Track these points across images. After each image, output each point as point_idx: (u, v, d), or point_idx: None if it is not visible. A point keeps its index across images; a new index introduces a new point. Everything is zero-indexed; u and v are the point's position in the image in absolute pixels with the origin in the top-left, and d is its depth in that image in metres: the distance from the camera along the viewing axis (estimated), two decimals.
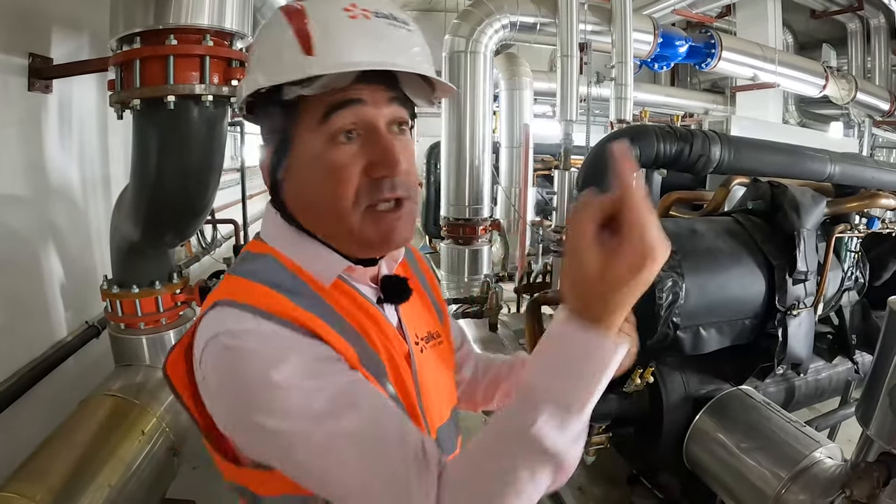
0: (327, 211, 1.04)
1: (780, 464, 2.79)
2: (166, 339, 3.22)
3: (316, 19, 0.99)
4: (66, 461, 2.49)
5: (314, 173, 1.03)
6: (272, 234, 1.12)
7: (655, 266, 0.80)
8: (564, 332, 0.85)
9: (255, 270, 1.05)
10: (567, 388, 0.84)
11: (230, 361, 0.92)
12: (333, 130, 1.00)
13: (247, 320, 0.94)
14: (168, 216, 2.83)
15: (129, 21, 2.36)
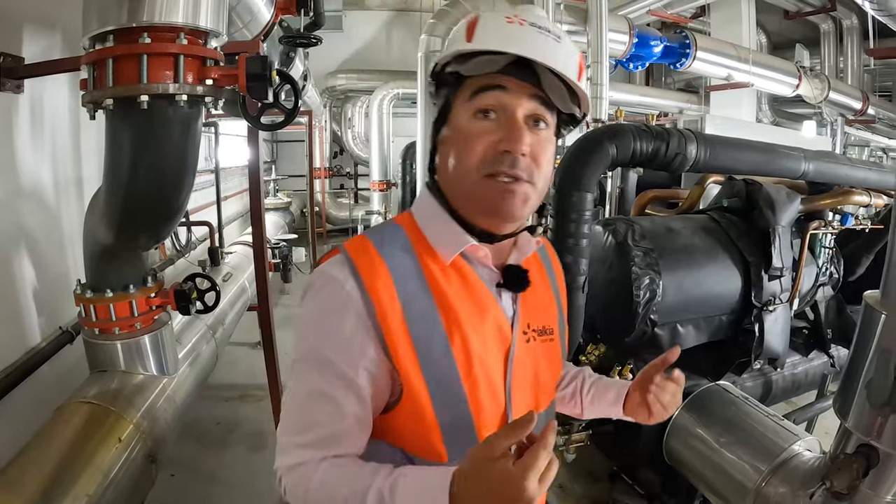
0: (455, 172, 1.26)
1: (759, 457, 2.84)
2: (141, 343, 3.15)
3: (483, 21, 1.23)
4: (43, 471, 2.43)
5: (455, 140, 1.26)
6: (417, 204, 1.38)
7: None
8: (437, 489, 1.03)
9: (381, 235, 1.31)
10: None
11: (312, 289, 1.27)
12: (476, 107, 1.22)
13: (340, 269, 1.24)
14: (142, 218, 2.76)
15: (102, 19, 2.29)
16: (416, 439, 1.26)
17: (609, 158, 2.77)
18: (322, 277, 1.25)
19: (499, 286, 1.34)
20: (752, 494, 2.77)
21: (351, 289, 1.20)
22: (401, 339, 1.21)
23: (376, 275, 1.21)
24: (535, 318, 1.42)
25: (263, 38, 3.81)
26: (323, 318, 1.23)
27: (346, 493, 1.13)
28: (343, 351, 1.21)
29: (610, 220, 3.45)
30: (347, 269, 1.22)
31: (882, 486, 2.17)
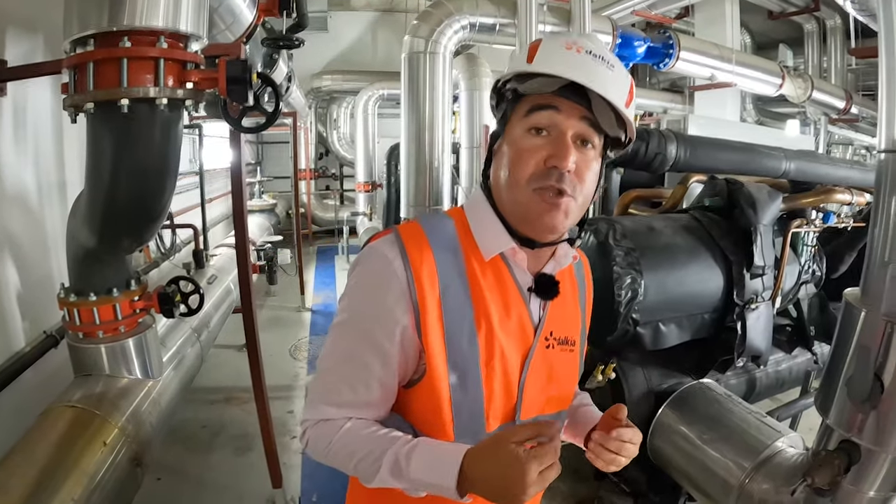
0: (508, 182, 1.36)
1: (742, 454, 2.86)
2: (126, 347, 3.14)
3: (543, 45, 1.32)
4: (28, 475, 2.43)
5: (510, 153, 1.36)
6: (470, 202, 1.49)
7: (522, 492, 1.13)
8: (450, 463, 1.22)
9: (432, 224, 1.42)
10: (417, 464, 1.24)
11: (362, 262, 1.40)
12: (530, 124, 1.33)
13: (390, 248, 1.35)
14: (125, 221, 2.76)
15: (82, 23, 2.29)
16: (428, 418, 1.39)
17: None
18: (373, 253, 1.37)
19: (530, 290, 1.44)
20: (735, 491, 2.79)
21: (398, 267, 1.32)
22: (434, 322, 1.33)
23: (423, 259, 1.33)
24: (559, 327, 1.51)
25: (246, 40, 3.81)
26: (368, 289, 1.37)
27: (363, 452, 1.30)
28: (382, 322, 1.33)
29: (591, 220, 3.45)
30: (397, 248, 1.33)
31: (864, 482, 2.18)
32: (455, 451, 1.24)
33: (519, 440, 1.15)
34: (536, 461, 1.11)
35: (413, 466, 1.23)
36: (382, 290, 1.33)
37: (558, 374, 1.53)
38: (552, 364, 1.50)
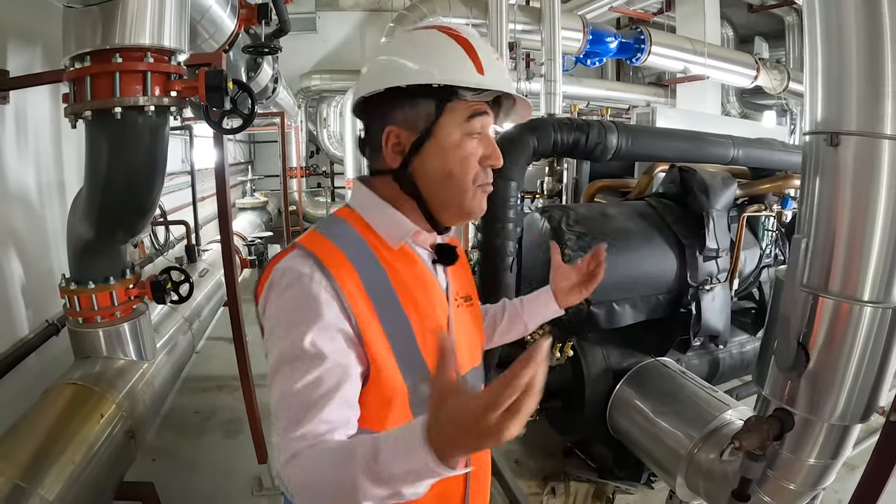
0: (455, 183, 1.42)
1: (692, 425, 2.96)
2: (121, 331, 3.35)
3: (478, 51, 1.40)
4: (32, 442, 2.62)
5: (452, 156, 1.40)
6: (360, 202, 1.49)
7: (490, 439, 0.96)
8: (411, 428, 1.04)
9: (333, 230, 1.42)
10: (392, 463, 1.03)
11: (278, 286, 1.31)
12: (470, 130, 1.41)
13: (305, 265, 1.31)
14: (118, 214, 3.02)
15: (79, 42, 2.59)
16: (385, 414, 1.34)
17: (531, 149, 2.98)
18: (288, 274, 1.30)
19: (434, 262, 1.54)
20: (684, 461, 2.89)
21: (320, 280, 1.28)
22: (371, 321, 1.31)
23: (340, 265, 1.31)
24: (461, 287, 1.64)
25: (228, 48, 4.05)
26: (300, 313, 1.27)
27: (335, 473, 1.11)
28: (329, 340, 1.26)
29: (547, 208, 3.60)
30: (312, 262, 1.30)
31: (803, 450, 2.26)
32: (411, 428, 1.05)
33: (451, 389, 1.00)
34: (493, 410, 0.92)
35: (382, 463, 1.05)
36: (315, 309, 1.27)
37: (469, 329, 1.64)
38: (465, 322, 1.61)
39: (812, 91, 2.11)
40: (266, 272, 1.39)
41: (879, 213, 1.99)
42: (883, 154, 1.95)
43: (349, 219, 1.46)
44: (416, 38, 1.47)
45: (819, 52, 2.06)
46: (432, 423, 1.01)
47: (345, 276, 1.31)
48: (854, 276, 2.06)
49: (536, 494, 3.80)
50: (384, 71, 1.41)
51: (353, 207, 1.49)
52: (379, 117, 1.43)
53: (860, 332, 2.07)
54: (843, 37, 1.99)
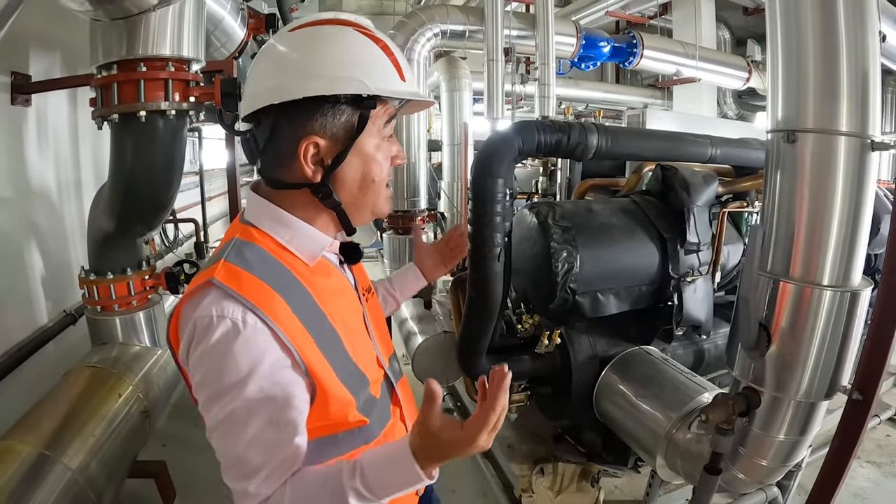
0: (374, 187, 1.39)
1: (671, 407, 3.07)
2: (136, 319, 3.55)
3: (395, 55, 1.36)
4: (57, 416, 2.80)
5: (373, 162, 1.36)
6: (266, 219, 1.37)
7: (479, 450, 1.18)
8: (401, 454, 1.20)
9: (247, 259, 1.28)
10: (379, 483, 1.19)
11: (206, 338, 1.18)
12: (386, 133, 1.39)
13: (232, 308, 1.19)
14: (139, 209, 3.24)
15: (106, 52, 2.86)
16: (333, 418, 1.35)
17: (516, 150, 3.11)
18: (215, 321, 1.19)
19: (342, 263, 1.53)
20: (663, 440, 2.98)
21: (254, 323, 1.19)
22: (309, 347, 1.26)
23: (268, 300, 1.23)
24: (361, 279, 1.65)
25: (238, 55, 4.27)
26: (240, 366, 1.18)
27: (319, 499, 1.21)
28: (274, 383, 1.21)
29: (535, 204, 3.71)
30: (238, 305, 1.20)
31: (772, 427, 2.34)
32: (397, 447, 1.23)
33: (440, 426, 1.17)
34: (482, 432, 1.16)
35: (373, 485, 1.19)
36: (258, 357, 1.19)
37: (378, 318, 1.67)
38: (374, 313, 1.64)
39: (773, 91, 2.20)
40: (177, 315, 1.27)
41: (836, 204, 2.08)
42: (838, 149, 2.05)
43: (257, 241, 1.34)
44: (335, 38, 1.31)
45: (779, 54, 2.15)
46: (421, 447, 1.19)
47: (276, 310, 1.23)
48: (814, 262, 2.14)
49: (526, 476, 3.90)
50: (302, 75, 1.27)
51: (257, 226, 1.37)
52: (289, 126, 1.30)
53: (821, 314, 2.15)
54: (800, 39, 2.08)
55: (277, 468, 1.22)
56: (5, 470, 2.44)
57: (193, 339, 1.20)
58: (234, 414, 1.19)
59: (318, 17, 1.36)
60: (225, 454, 1.23)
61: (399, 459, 1.20)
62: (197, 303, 1.21)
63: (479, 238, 3.14)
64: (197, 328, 1.19)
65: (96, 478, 2.72)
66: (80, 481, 2.62)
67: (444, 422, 1.18)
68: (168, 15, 2.85)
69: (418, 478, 1.19)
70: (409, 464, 1.19)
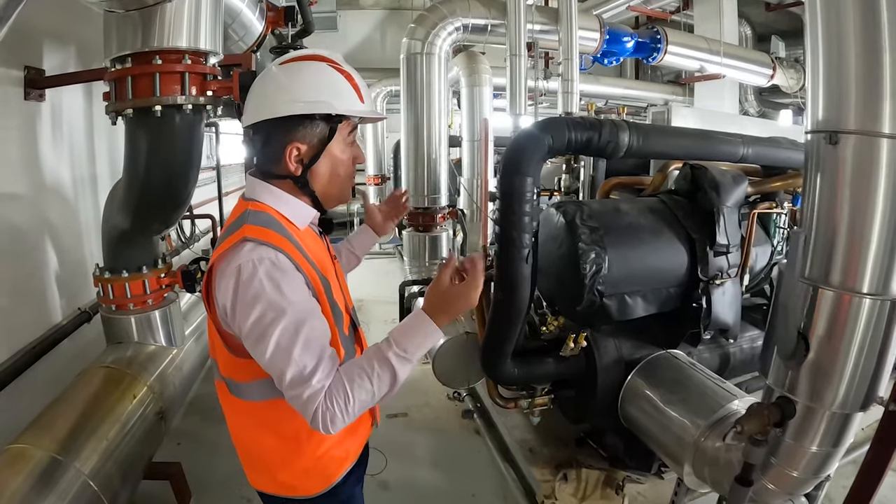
0: (339, 181, 1.84)
1: (699, 414, 2.98)
2: (152, 318, 3.51)
3: (357, 82, 1.80)
4: (70, 418, 2.79)
5: (338, 162, 1.82)
6: (268, 197, 1.78)
7: (471, 306, 1.70)
8: (419, 318, 1.68)
9: (267, 221, 1.70)
10: (409, 343, 1.65)
11: (254, 273, 1.56)
12: (350, 141, 1.84)
13: (266, 251, 1.59)
14: (155, 206, 3.17)
15: (121, 44, 2.77)
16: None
17: (545, 147, 3.03)
18: (256, 262, 1.57)
19: (321, 233, 2.02)
20: (691, 448, 2.90)
21: (283, 259, 1.61)
22: (315, 280, 1.73)
23: (287, 245, 1.66)
24: (330, 248, 2.09)
25: (256, 49, 4.19)
26: (283, 283, 1.58)
27: (368, 373, 1.60)
28: (308, 298, 1.66)
29: (561, 203, 3.63)
30: (269, 248, 1.60)
31: (805, 437, 2.27)
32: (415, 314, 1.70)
33: (450, 280, 1.69)
34: (474, 288, 1.68)
35: (404, 345, 1.62)
36: (289, 278, 1.60)
37: (342, 277, 2.14)
38: (340, 272, 2.12)
39: (813, 91, 2.12)
40: (212, 269, 1.66)
41: (878, 208, 2.00)
42: (881, 152, 1.96)
43: (266, 210, 1.75)
44: (312, 71, 1.75)
45: (820, 53, 2.07)
46: (432, 305, 1.68)
47: (294, 253, 1.66)
48: (854, 269, 2.07)
49: (549, 482, 3.84)
50: (290, 99, 1.69)
51: (260, 201, 1.78)
52: (280, 134, 1.73)
53: (860, 323, 2.06)
54: (842, 37, 2.01)
55: (327, 361, 1.58)
56: (17, 475, 2.45)
57: (240, 283, 1.57)
58: (287, 328, 1.55)
59: (300, 53, 1.81)
60: (285, 368, 1.55)
61: (419, 322, 1.68)
62: (235, 254, 1.60)
63: (506, 239, 3.06)
64: (242, 272, 1.57)
65: (110, 481, 2.74)
66: (93, 486, 2.62)
67: (451, 282, 1.70)
68: (185, 6, 2.76)
69: (435, 331, 1.68)
70: (426, 322, 1.67)
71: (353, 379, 1.59)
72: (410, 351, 1.64)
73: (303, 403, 1.56)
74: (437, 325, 1.68)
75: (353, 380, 1.59)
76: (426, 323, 1.67)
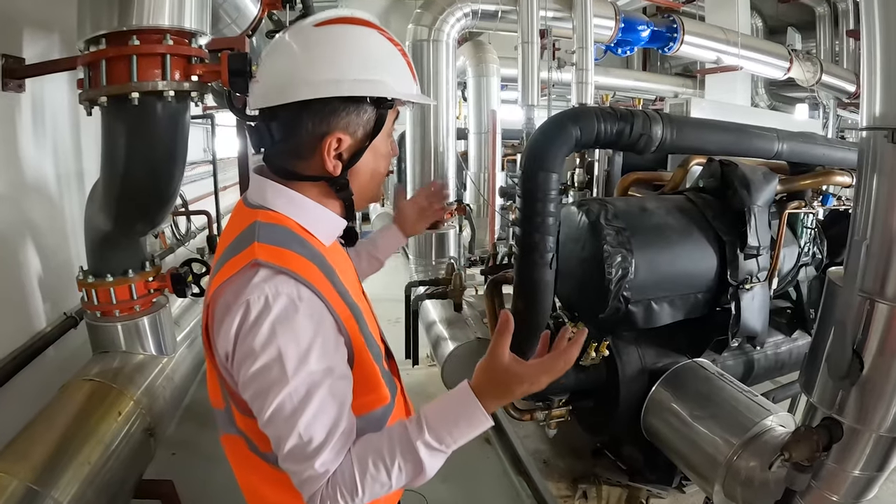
0: (378, 179, 1.53)
1: (731, 431, 2.83)
2: (140, 325, 3.32)
3: (409, 60, 1.48)
4: (48, 441, 2.59)
5: (381, 157, 1.49)
6: (286, 204, 1.42)
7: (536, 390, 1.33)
8: (464, 398, 1.33)
9: (285, 239, 1.36)
10: (447, 432, 1.31)
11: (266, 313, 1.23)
12: (391, 131, 1.50)
13: (290, 284, 1.27)
14: (137, 205, 2.95)
15: (94, 23, 2.49)
16: (364, 394, 1.43)
17: (573, 140, 2.81)
18: (270, 298, 1.25)
19: (343, 245, 1.67)
20: (723, 468, 2.76)
21: (309, 297, 1.28)
22: (349, 320, 1.38)
23: (315, 275, 1.32)
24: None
25: (252, 33, 3.96)
26: (300, 334, 1.26)
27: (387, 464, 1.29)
28: (332, 352, 1.31)
29: (584, 201, 3.47)
30: (290, 279, 1.28)
31: (849, 461, 2.15)
32: (458, 391, 1.35)
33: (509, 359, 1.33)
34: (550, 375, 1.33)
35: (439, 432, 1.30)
36: (317, 327, 1.29)
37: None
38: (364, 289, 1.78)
39: (870, 84, 1.96)
40: (213, 303, 1.33)
41: None
42: None
43: (281, 222, 1.41)
44: (362, 40, 1.40)
45: (878, 43, 1.91)
46: (485, 384, 1.34)
47: (322, 284, 1.33)
48: None
49: (566, 497, 3.69)
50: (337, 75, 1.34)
51: (273, 209, 1.42)
52: (315, 122, 1.37)
53: None
54: None
55: (339, 439, 1.28)
56: None
57: (247, 323, 1.24)
58: (297, 391, 1.24)
59: (341, 14, 1.40)
60: (285, 436, 1.26)
61: (462, 403, 1.32)
62: (243, 284, 1.26)
63: (528, 242, 2.86)
64: (251, 310, 1.24)
65: None
66: None
67: (511, 357, 1.33)
68: None
69: (483, 418, 1.32)
70: (472, 406, 1.31)
71: (367, 468, 1.28)
72: (447, 442, 1.31)
73: (300, 481, 1.28)
74: (487, 411, 1.32)
75: (367, 469, 1.28)
76: (472, 407, 1.32)
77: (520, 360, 1.33)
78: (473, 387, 1.33)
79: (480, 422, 1.31)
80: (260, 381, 1.25)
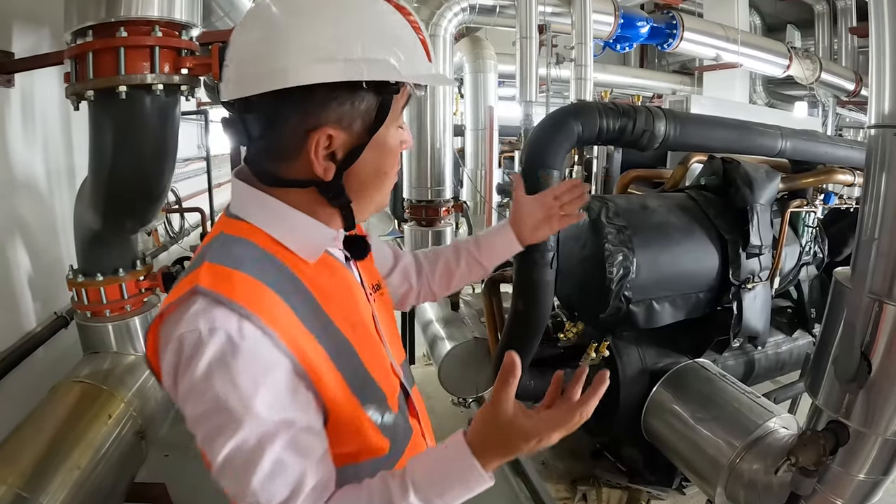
0: (384, 180, 1.22)
1: (734, 433, 2.83)
2: (131, 325, 3.28)
3: (421, 28, 1.20)
4: (37, 446, 2.55)
5: (387, 153, 1.18)
6: (258, 212, 1.17)
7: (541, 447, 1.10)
8: (459, 455, 1.09)
9: (238, 260, 1.09)
10: (436, 494, 1.07)
11: (196, 358, 1.00)
12: (401, 120, 1.20)
13: (226, 319, 1.01)
14: (126, 202, 2.90)
15: (81, 15, 2.43)
16: (342, 445, 1.19)
17: (574, 136, 2.78)
18: (205, 335, 1.01)
19: (347, 259, 1.32)
20: (725, 471, 2.76)
21: (253, 335, 1.02)
22: (319, 358, 1.11)
23: (267, 305, 1.06)
24: (369, 276, 1.42)
25: None
26: (240, 378, 1.01)
27: None
28: (288, 402, 1.06)
29: None
30: (229, 311, 1.02)
31: (854, 465, 2.15)
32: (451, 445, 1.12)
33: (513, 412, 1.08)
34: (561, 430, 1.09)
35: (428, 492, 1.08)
36: (263, 375, 1.03)
37: (388, 319, 1.46)
38: (383, 313, 1.43)
39: (879, 82, 1.97)
40: (154, 332, 1.09)
41: None
42: None
43: (247, 235, 1.15)
44: (358, 7, 1.12)
45: (887, 41, 1.92)
46: (483, 439, 1.09)
47: (278, 317, 1.05)
48: None
49: (566, 499, 3.69)
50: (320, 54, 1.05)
51: (245, 219, 1.17)
52: (296, 115, 1.09)
53: None
54: None
55: (309, 496, 1.05)
56: None
57: (181, 362, 1.02)
58: (246, 443, 1.01)
59: None
60: (241, 494, 1.05)
61: (455, 460, 1.09)
62: (180, 316, 1.03)
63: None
64: (184, 347, 1.01)
65: None
66: None
67: (517, 407, 1.08)
68: None
69: (481, 479, 1.09)
70: (468, 464, 1.08)
71: None
72: (439, 494, 1.08)
73: None
74: (486, 469, 1.08)
75: None
76: (468, 467, 1.08)
77: (528, 413, 1.08)
78: (470, 441, 1.10)
79: (478, 483, 1.09)
80: (205, 426, 1.04)
